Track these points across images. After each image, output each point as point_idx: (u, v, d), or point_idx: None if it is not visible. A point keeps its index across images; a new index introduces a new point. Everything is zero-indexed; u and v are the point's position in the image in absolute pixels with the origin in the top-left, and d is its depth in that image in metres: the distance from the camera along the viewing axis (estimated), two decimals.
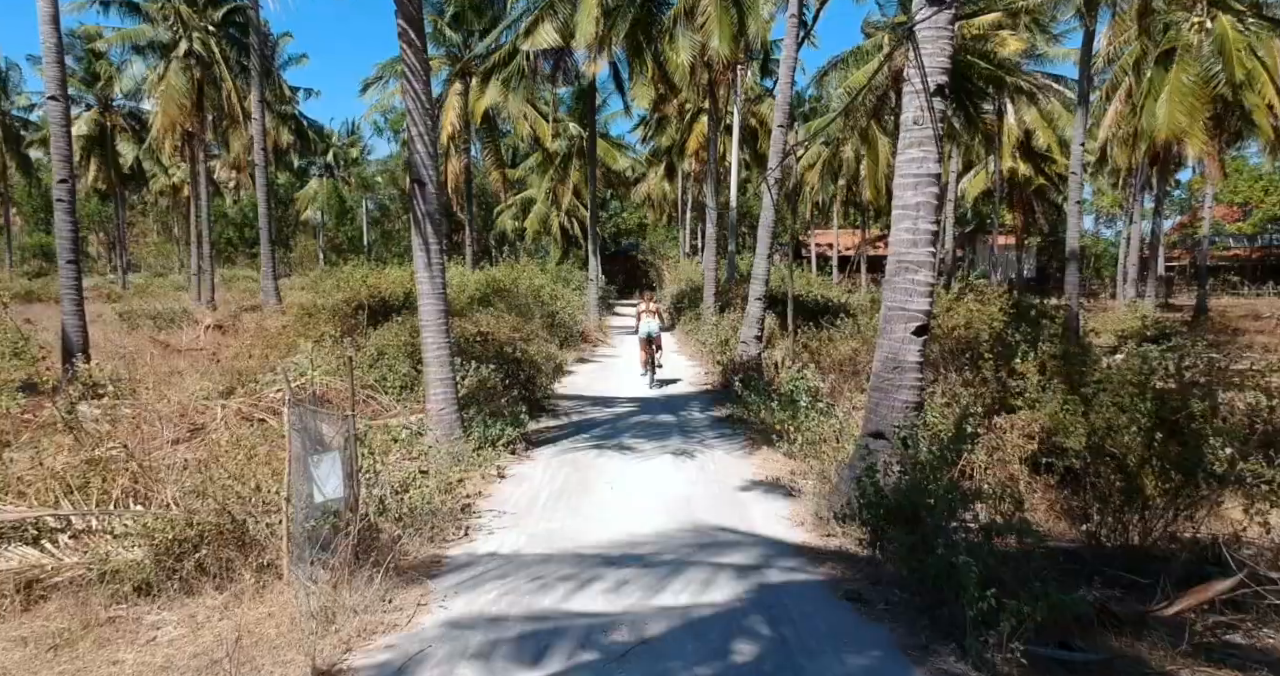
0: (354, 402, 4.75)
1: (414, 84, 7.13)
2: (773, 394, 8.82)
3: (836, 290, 31.03)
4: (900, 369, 5.22)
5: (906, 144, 5.30)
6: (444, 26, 25.50)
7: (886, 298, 5.39)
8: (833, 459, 6.50)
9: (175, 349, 17.82)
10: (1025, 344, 6.89)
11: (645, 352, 12.70)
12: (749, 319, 12.52)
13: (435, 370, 7.23)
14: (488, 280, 17.72)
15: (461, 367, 8.69)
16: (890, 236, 5.39)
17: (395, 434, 7.60)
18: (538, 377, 10.80)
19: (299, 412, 4.43)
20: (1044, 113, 37.53)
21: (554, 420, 9.88)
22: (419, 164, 7.25)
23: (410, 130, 7.24)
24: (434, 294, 7.27)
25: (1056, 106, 35.41)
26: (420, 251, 7.27)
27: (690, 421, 9.71)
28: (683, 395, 11.94)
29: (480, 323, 13.79)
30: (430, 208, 7.26)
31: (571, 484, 6.67)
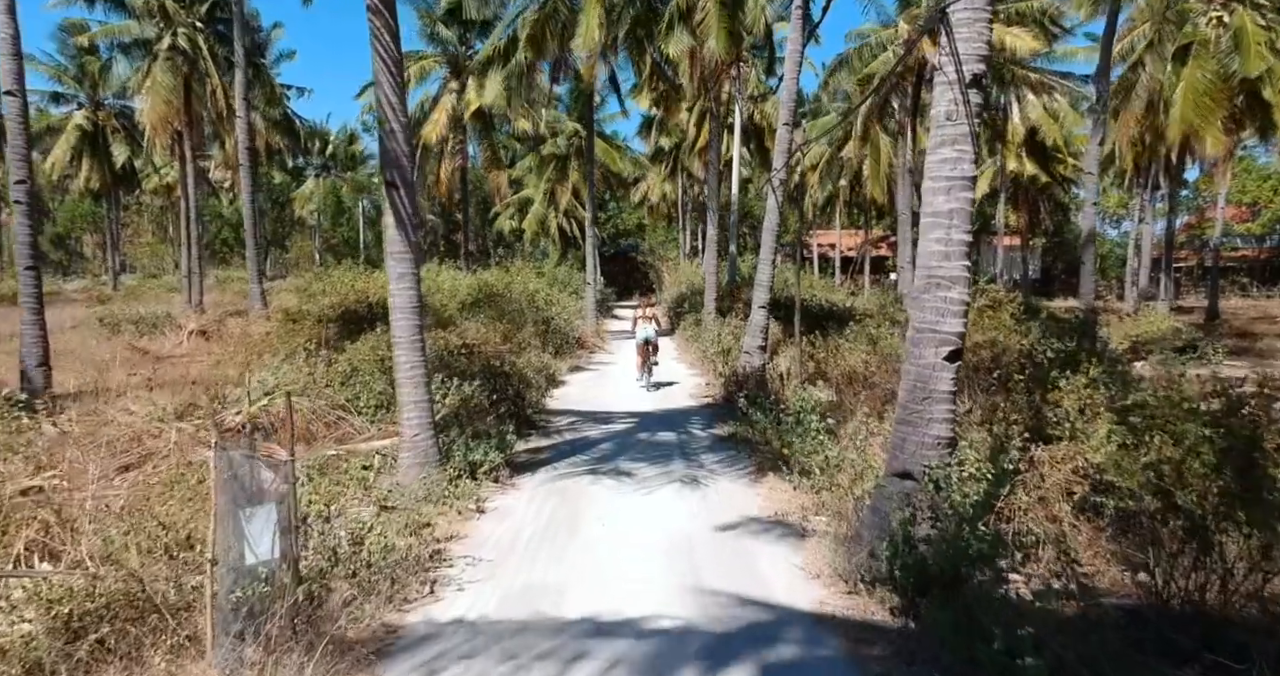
0: (292, 440, 4.05)
1: (387, 70, 6.46)
2: (780, 413, 8.15)
3: (840, 293, 30.35)
4: (930, 399, 4.54)
5: (938, 142, 4.62)
6: (438, 24, 24.86)
7: (914, 317, 4.71)
8: (848, 492, 5.83)
9: (154, 356, 17.16)
10: (1060, 364, 6.23)
11: (641, 356, 13.07)
12: (752, 327, 11.84)
13: (409, 392, 6.56)
14: (480, 285, 17.05)
15: (443, 385, 8.03)
16: (919, 247, 4.71)
17: (366, 460, 6.94)
18: (528, 392, 10.13)
19: (228, 459, 3.76)
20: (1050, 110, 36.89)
21: (544, 439, 9.20)
22: (393, 162, 6.58)
23: (383, 124, 6.57)
24: (408, 307, 6.60)
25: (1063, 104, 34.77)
26: (394, 260, 6.60)
27: (691, 441, 9.03)
28: (683, 410, 11.27)
29: (468, 332, 13.13)
30: (407, 211, 6.58)
31: (559, 520, 6.00)
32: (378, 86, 6.52)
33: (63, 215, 56.35)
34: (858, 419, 7.81)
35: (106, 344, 17.78)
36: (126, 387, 12.61)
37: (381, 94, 6.50)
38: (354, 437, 7.27)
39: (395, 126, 6.50)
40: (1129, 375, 6.59)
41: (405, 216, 6.54)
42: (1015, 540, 4.75)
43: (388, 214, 6.62)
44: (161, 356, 17.18)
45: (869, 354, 10.90)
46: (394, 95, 6.47)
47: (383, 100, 6.51)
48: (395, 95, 6.48)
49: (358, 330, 15.76)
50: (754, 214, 48.24)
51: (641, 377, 12.99)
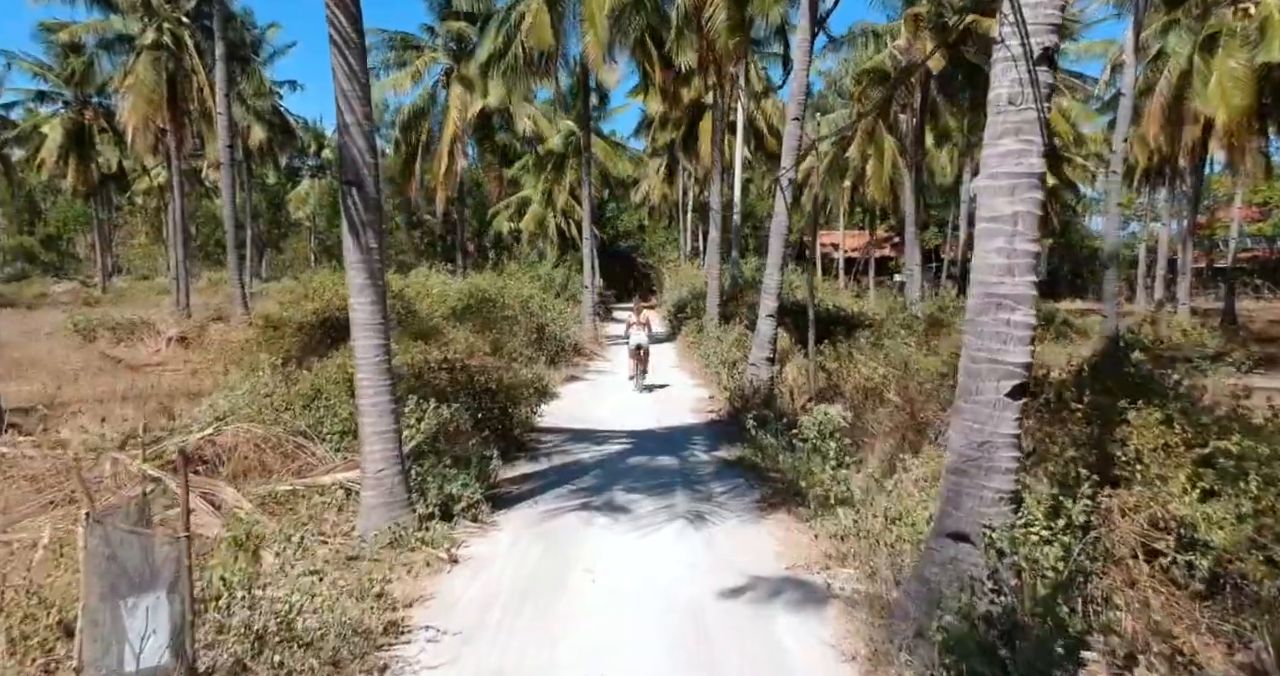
0: (186, 515, 3.21)
1: (345, 56, 5.63)
2: (792, 438, 7.33)
3: (846, 296, 29.52)
4: (990, 445, 3.71)
5: (998, 131, 3.80)
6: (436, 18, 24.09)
7: (969, 344, 3.88)
8: (878, 540, 5.01)
9: (127, 365, 16.33)
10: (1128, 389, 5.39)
11: (634, 360, 13.61)
12: (759, 338, 11.02)
13: (373, 422, 5.73)
14: (471, 290, 16.22)
15: (417, 408, 7.21)
16: (974, 260, 3.88)
17: (327, 496, 6.12)
18: (517, 409, 9.30)
19: (104, 536, 2.93)
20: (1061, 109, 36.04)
21: (532, 463, 8.38)
22: (353, 159, 5.76)
23: (341, 116, 5.74)
24: (371, 323, 5.77)
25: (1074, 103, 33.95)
26: (353, 270, 5.78)
27: (694, 466, 8.20)
28: (685, 427, 10.43)
29: (455, 342, 12.31)
30: (369, 216, 5.76)
31: (543, 574, 5.17)
32: (334, 71, 5.70)
33: (55, 216, 55.54)
34: (883, 448, 7.00)
35: (79, 352, 16.97)
36: (87, 402, 11.85)
37: (338, 82, 5.67)
38: (315, 469, 6.44)
39: (351, 119, 5.67)
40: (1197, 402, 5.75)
41: (361, 220, 5.72)
42: (1090, 608, 3.95)
43: (348, 217, 5.80)
44: (135, 365, 16.35)
45: (886, 365, 10.07)
46: (351, 82, 5.64)
47: (339, 87, 5.68)
48: (353, 82, 5.66)
49: (340, 339, 14.99)
50: (756, 215, 47.45)
51: (633, 377, 13.67)
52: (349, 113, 5.70)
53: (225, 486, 5.77)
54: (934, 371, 8.87)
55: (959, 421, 3.86)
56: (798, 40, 10.63)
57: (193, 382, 14.66)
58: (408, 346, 11.51)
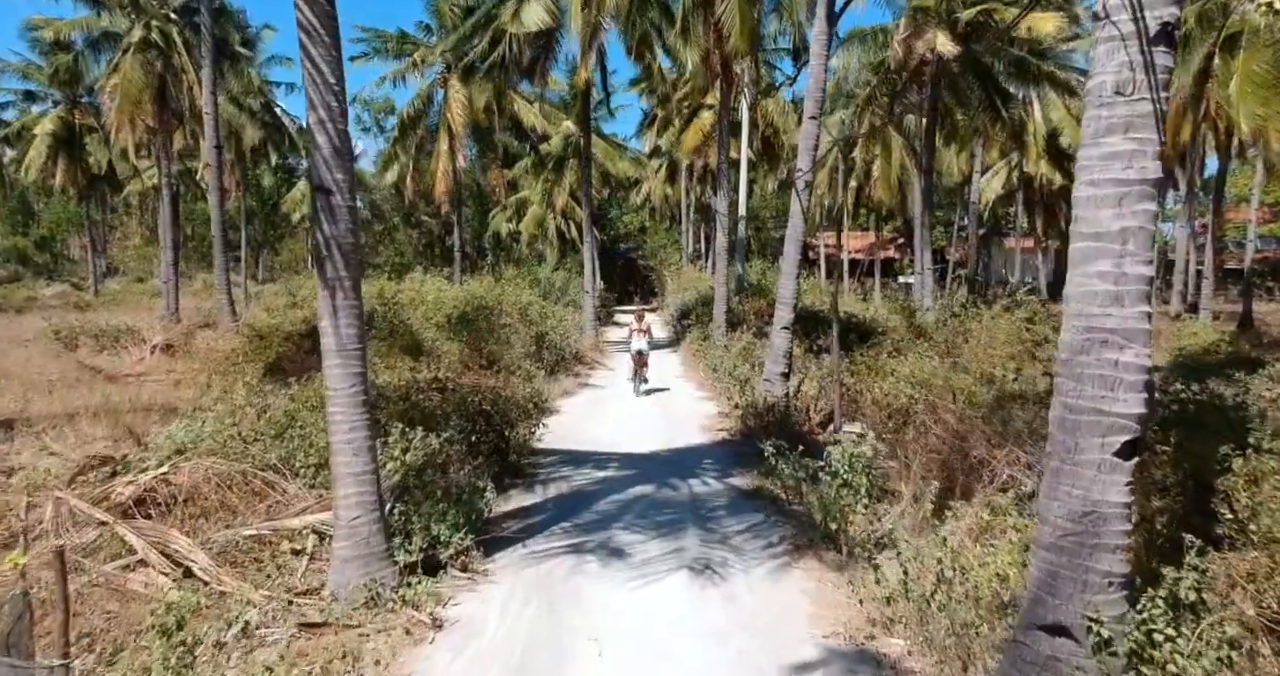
0: (65, 630, 2.48)
1: (314, 46, 4.92)
2: (817, 471, 6.60)
3: (852, 300, 28.81)
4: (1097, 517, 2.99)
5: (1101, 127, 3.08)
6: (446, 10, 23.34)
7: (1064, 389, 3.16)
8: (934, 604, 4.29)
9: (107, 376, 15.62)
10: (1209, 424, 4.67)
11: (635, 364, 14.17)
12: (774, 352, 10.30)
13: (346, 461, 5.01)
14: (468, 297, 15.50)
15: (403, 438, 6.48)
16: (1069, 287, 3.17)
17: (298, 542, 5.41)
18: (514, 431, 8.57)
19: None
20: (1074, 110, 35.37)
21: (528, 494, 7.66)
22: (324, 162, 5.04)
23: (311, 112, 5.03)
24: (346, 349, 5.05)
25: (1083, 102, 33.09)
26: (325, 288, 5.05)
27: (706, 497, 7.47)
28: (694, 448, 9.70)
29: (448, 355, 11.60)
30: (340, 229, 5.04)
31: (540, 644, 4.44)
32: (303, 61, 4.98)
33: (48, 217, 54.78)
34: (919, 482, 6.28)
35: (58, 361, 16.24)
36: (56, 418, 11.14)
37: (306, 72, 4.96)
38: (285, 510, 5.72)
39: (321, 116, 4.95)
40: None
41: (334, 232, 5.00)
42: None
43: (319, 230, 5.08)
44: (116, 375, 15.64)
45: (912, 382, 9.35)
46: (321, 73, 4.92)
47: (308, 78, 4.96)
48: (324, 73, 4.94)
49: None
50: (757, 216, 46.70)
51: (632, 380, 14.21)
52: (320, 108, 4.98)
53: (177, 535, 5.05)
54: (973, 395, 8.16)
55: (1054, 485, 3.14)
56: (814, 34, 9.90)
57: (174, 394, 13.95)
58: (397, 361, 10.81)
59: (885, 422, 9.40)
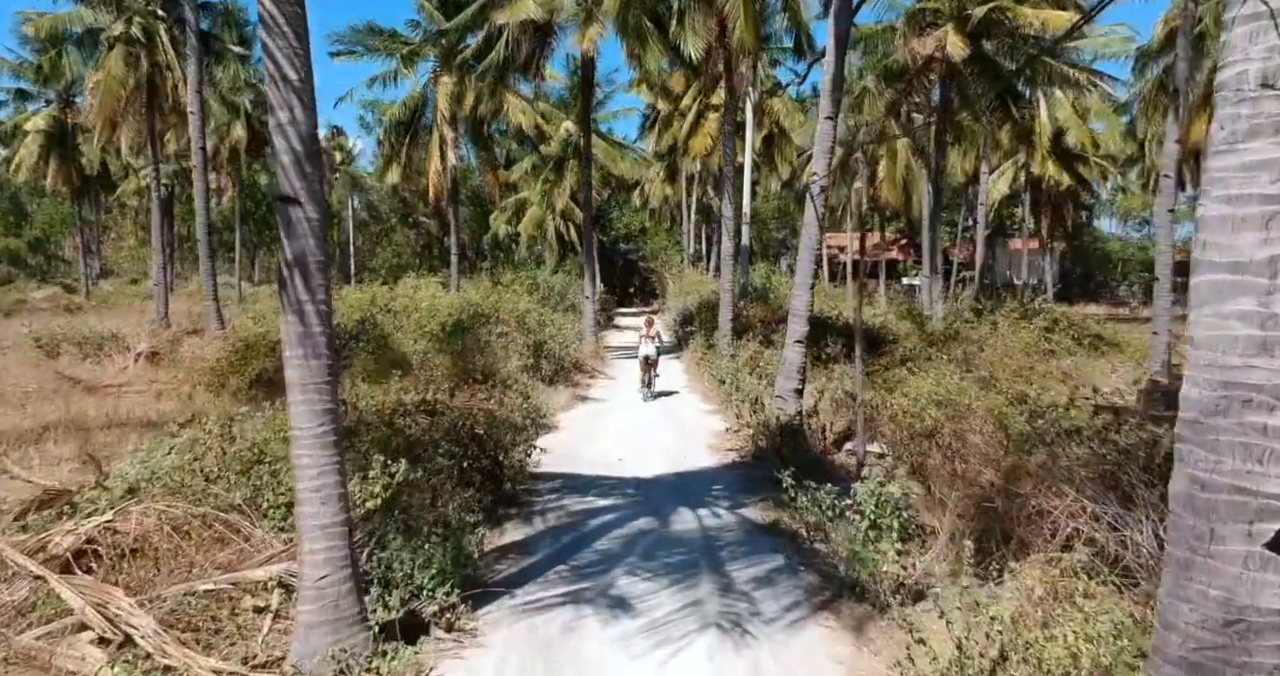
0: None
1: (273, 38, 4.28)
2: (844, 510, 5.96)
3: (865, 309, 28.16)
4: (1246, 627, 2.36)
5: (1242, 131, 2.44)
6: (432, 9, 22.69)
7: (1191, 459, 2.52)
8: None
9: (86, 387, 14.97)
10: None
11: (644, 370, 14.42)
12: (786, 367, 9.66)
13: (313, 511, 4.37)
14: (463, 305, 14.88)
15: (383, 473, 5.84)
16: (1195, 328, 2.53)
17: (261, 596, 4.78)
18: (509, 456, 7.94)
19: None
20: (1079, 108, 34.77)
21: (524, 526, 7.03)
22: (289, 169, 4.40)
23: (272, 116, 4.39)
24: (313, 383, 4.40)
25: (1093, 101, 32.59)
26: (292, 313, 4.41)
27: (718, 533, 6.82)
28: (703, 472, 9.07)
29: (438, 368, 10.96)
30: (307, 244, 4.40)
31: None
32: (265, 50, 4.35)
33: (41, 218, 54.07)
34: (952, 521, 5.66)
35: (36, 371, 15.59)
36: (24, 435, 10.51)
37: (268, 66, 4.32)
38: (249, 559, 5.08)
39: (285, 117, 4.32)
40: None
41: (300, 249, 4.36)
42: None
43: (284, 246, 4.45)
44: (96, 386, 14.99)
45: (936, 403, 8.72)
46: (285, 66, 4.28)
47: (270, 72, 4.32)
48: (289, 66, 4.29)
49: None
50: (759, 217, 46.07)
51: (642, 389, 14.43)
52: (282, 109, 4.34)
53: (119, 594, 4.41)
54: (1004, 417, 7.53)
55: (1181, 581, 2.50)
56: (830, 27, 9.24)
57: (155, 407, 13.34)
58: (385, 376, 10.18)
59: (907, 444, 8.80)
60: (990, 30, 21.08)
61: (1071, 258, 52.55)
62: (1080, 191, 39.72)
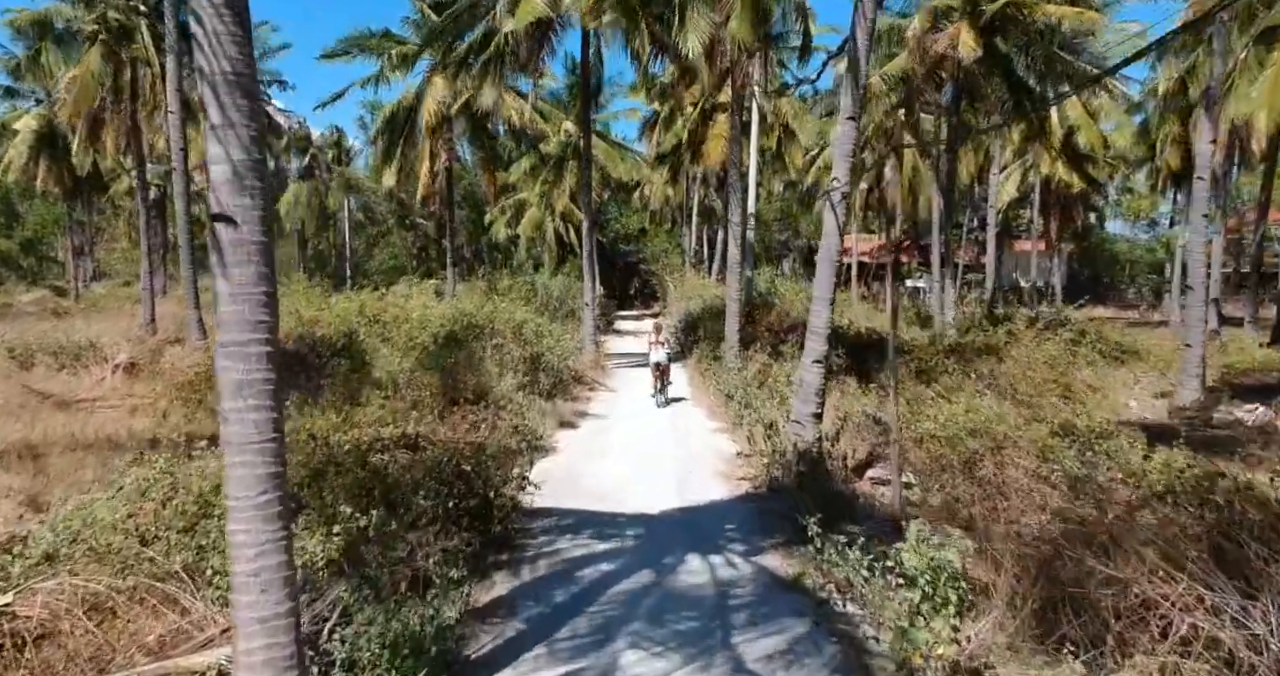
0: None
1: (210, 18, 3.50)
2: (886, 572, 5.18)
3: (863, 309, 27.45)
4: None
5: None
6: (425, 7, 21.89)
7: None
8: None
9: (58, 401, 14.19)
10: None
11: (655, 376, 14.47)
12: (804, 389, 8.88)
13: (250, 600, 3.58)
14: (456, 316, 14.09)
15: (347, 526, 5.07)
16: None
17: None
18: (499, 494, 7.16)
19: None
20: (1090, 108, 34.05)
21: (513, 577, 6.24)
22: (225, 184, 3.62)
23: (206, 115, 3.61)
24: (254, 443, 3.62)
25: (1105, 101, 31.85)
26: (230, 357, 3.63)
27: (733, 589, 6.02)
28: (713, 507, 8.27)
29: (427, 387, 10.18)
30: (247, 272, 3.62)
31: None
32: (196, 48, 3.57)
33: (33, 219, 53.20)
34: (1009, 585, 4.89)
35: (5, 384, 14.78)
36: None
37: (203, 62, 3.54)
38: (187, 641, 4.30)
39: (222, 117, 3.54)
40: None
41: (242, 280, 3.58)
42: None
43: (217, 273, 3.67)
44: (68, 401, 14.20)
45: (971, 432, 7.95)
46: (221, 57, 3.50)
47: (204, 66, 3.55)
48: (226, 58, 3.51)
49: (299, 372, 12.85)
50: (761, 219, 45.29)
51: (655, 394, 14.53)
52: (216, 110, 3.56)
53: None
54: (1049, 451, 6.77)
55: None
56: (856, 19, 8.44)
57: (128, 423, 12.57)
58: (369, 396, 9.41)
59: (937, 474, 8.05)
60: (1005, 27, 20.33)
61: (1078, 259, 51.76)
62: (1091, 192, 38.94)
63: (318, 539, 5.06)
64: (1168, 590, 3.58)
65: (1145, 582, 3.66)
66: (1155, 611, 3.62)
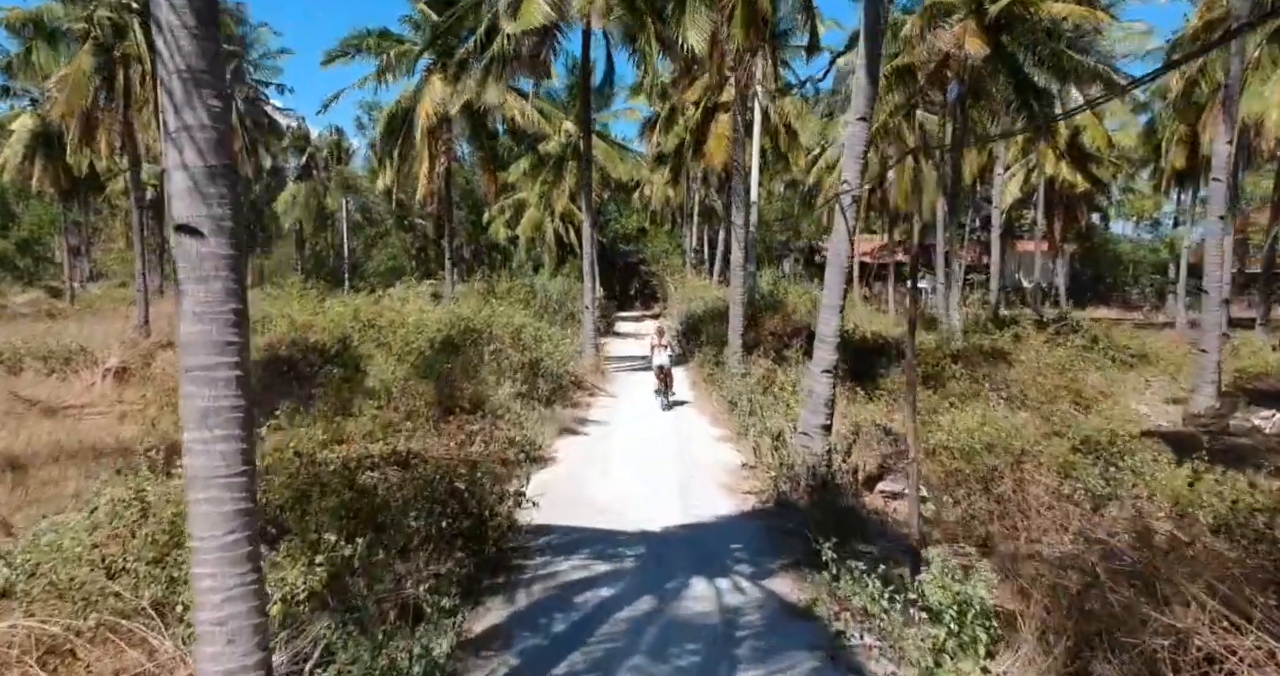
0: None
1: (166, 14, 3.17)
2: (909, 605, 4.85)
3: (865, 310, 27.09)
4: None
5: None
6: (425, 6, 21.53)
7: None
8: None
9: (45, 408, 13.86)
10: None
11: (659, 379, 14.52)
12: (812, 400, 8.55)
13: (214, 651, 3.24)
14: (453, 321, 13.75)
15: (330, 556, 4.73)
16: None
17: None
18: (494, 513, 6.82)
19: None
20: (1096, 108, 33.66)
21: (508, 604, 5.91)
22: (187, 191, 3.29)
23: (166, 116, 3.28)
24: (220, 478, 3.29)
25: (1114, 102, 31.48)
26: (196, 381, 3.31)
27: (741, 620, 5.68)
28: (719, 524, 7.93)
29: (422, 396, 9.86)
30: (214, 289, 3.29)
31: None
32: (158, 44, 3.25)
33: (29, 219, 52.82)
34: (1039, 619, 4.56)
35: None
36: None
37: (162, 59, 3.22)
38: None
39: (177, 120, 3.21)
40: None
41: (208, 298, 3.25)
42: None
43: (181, 291, 3.34)
44: (55, 407, 13.88)
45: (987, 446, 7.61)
46: (183, 54, 3.17)
47: (163, 64, 3.22)
48: (190, 44, 3.18)
49: (293, 380, 12.52)
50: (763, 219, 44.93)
51: (659, 397, 14.59)
52: (173, 112, 3.23)
53: None
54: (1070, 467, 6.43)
55: None
56: (863, 11, 8.11)
57: (116, 431, 12.27)
58: (360, 406, 9.09)
59: (953, 489, 7.72)
60: (1010, 25, 19.98)
61: (1080, 259, 51.42)
62: (1095, 193, 38.59)
63: (299, 569, 4.73)
64: (1234, 641, 3.24)
65: (1208, 634, 3.31)
66: (1221, 667, 3.27)
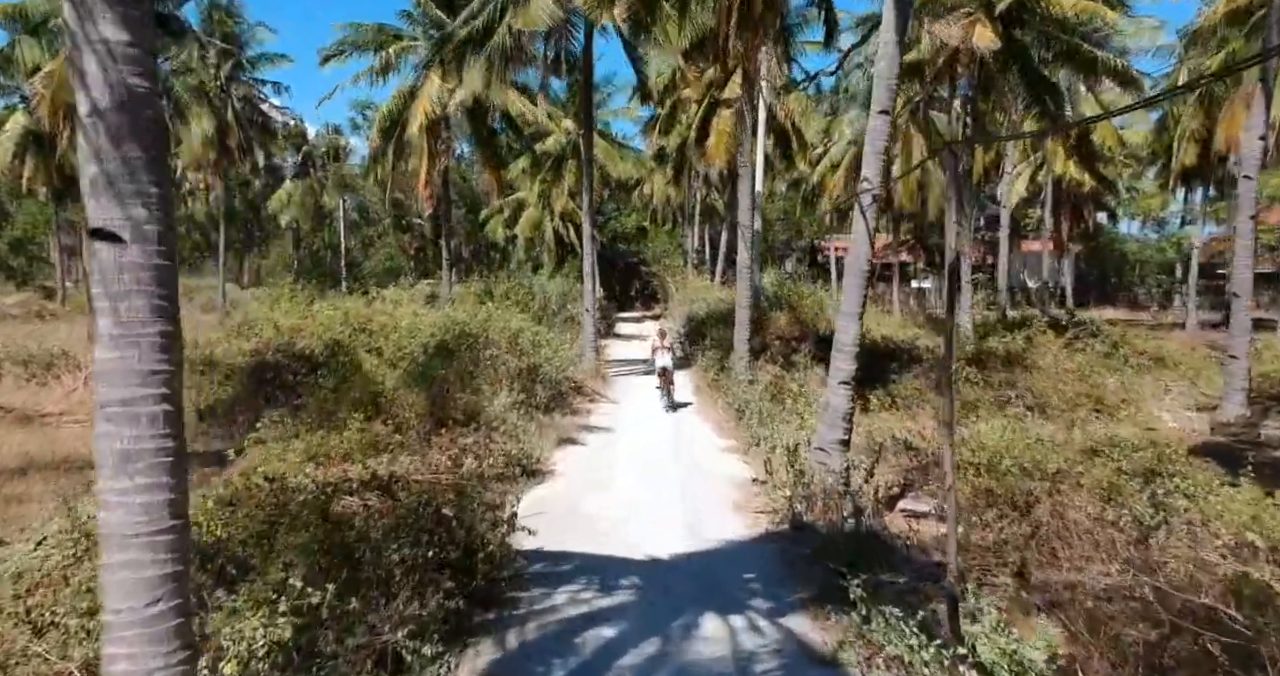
0: None
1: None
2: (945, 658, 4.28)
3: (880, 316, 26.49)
4: None
5: None
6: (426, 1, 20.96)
7: None
8: None
9: (21, 416, 13.31)
10: None
11: (662, 381, 14.48)
12: (830, 413, 7.98)
13: None
14: (447, 326, 13.17)
15: (304, 597, 4.16)
16: None
17: None
18: (484, 542, 6.24)
19: None
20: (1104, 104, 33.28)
21: (497, 647, 5.31)
22: (104, 190, 2.72)
23: (79, 98, 2.71)
24: (141, 535, 2.71)
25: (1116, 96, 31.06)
26: (115, 419, 2.73)
27: (758, 670, 5.08)
28: (729, 552, 7.33)
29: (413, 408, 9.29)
30: (135, 305, 2.71)
31: None
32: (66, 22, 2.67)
33: (23, 218, 52.20)
34: None
35: None
36: None
37: (75, 15, 2.65)
38: None
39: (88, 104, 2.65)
40: None
41: (131, 318, 2.68)
42: None
43: (97, 308, 2.76)
44: (32, 415, 13.34)
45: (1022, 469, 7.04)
46: (111, 30, 2.60)
47: (74, 46, 2.65)
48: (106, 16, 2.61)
49: (276, 389, 11.95)
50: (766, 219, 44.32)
51: (662, 398, 14.51)
52: (84, 94, 2.66)
53: None
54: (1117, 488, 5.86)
55: None
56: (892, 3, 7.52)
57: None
58: (348, 418, 8.51)
59: (982, 511, 7.15)
60: (1022, 18, 19.42)
61: (1086, 259, 50.82)
62: (1102, 191, 38.02)
63: (259, 618, 4.16)
64: None
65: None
66: None
